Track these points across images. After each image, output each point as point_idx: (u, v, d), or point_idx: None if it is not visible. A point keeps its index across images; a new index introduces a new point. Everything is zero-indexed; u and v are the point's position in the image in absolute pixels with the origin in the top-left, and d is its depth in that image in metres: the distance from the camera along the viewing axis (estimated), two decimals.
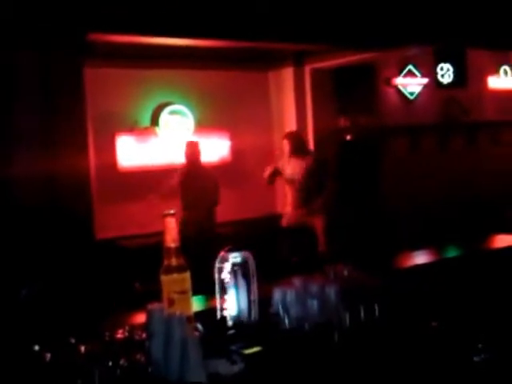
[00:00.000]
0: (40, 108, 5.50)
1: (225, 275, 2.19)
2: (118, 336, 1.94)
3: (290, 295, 2.16)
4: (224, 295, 2.19)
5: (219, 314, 2.21)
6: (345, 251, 6.47)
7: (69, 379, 1.74)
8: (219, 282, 2.20)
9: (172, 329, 1.78)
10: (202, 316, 2.16)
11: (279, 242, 6.72)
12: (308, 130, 8.91)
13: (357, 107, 8.80)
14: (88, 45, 6.01)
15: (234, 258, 2.20)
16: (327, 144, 8.80)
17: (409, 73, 8.80)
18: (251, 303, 2.19)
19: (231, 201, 8.29)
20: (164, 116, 8.04)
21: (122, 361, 1.79)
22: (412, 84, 8.83)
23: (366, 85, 8.62)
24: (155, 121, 8.03)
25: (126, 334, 1.93)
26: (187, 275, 2.07)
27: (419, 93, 8.95)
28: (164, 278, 2.05)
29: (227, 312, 2.19)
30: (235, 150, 8.52)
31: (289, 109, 9.02)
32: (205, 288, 2.39)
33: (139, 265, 5.68)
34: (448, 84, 9.41)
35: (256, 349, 1.95)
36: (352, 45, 7.56)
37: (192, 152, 7.00)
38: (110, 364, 1.79)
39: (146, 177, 7.46)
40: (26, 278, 4.55)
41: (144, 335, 1.86)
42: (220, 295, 2.20)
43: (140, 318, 2.24)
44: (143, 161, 7.78)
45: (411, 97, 8.86)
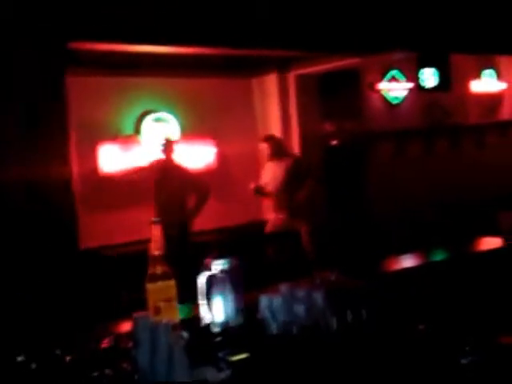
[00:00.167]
0: (22, 117, 5.46)
1: (211, 282, 2.18)
2: (104, 345, 1.92)
3: (277, 301, 2.15)
4: (210, 302, 2.18)
5: (205, 321, 2.20)
6: (331, 256, 6.48)
7: None
8: (205, 289, 2.19)
9: (158, 337, 1.77)
10: (189, 323, 2.15)
11: (264, 248, 6.71)
12: (293, 136, 8.93)
13: (342, 112, 8.83)
14: (70, 53, 5.98)
15: (220, 265, 2.19)
16: (313, 149, 8.81)
17: (393, 78, 8.83)
18: (237, 309, 2.18)
19: (217, 208, 8.27)
20: (147, 124, 8.02)
21: (108, 370, 1.78)
22: (396, 89, 8.87)
23: (351, 90, 8.65)
24: (138, 129, 8.01)
25: (112, 343, 1.92)
26: (172, 283, 2.06)
27: (403, 97, 9.00)
28: (149, 287, 2.04)
29: (214, 319, 2.18)
30: (220, 157, 8.52)
31: (274, 115, 9.03)
32: (191, 295, 2.37)
33: (125, 274, 5.64)
34: (432, 88, 9.47)
35: (243, 355, 1.94)
36: (335, 50, 7.59)
37: (164, 150, 6.85)
38: (96, 373, 1.77)
39: (130, 185, 7.43)
40: (11, 289, 4.51)
41: (130, 344, 1.85)
42: (206, 302, 2.19)
43: (126, 327, 2.22)
44: (127, 169, 7.75)
45: (395, 101, 8.90)
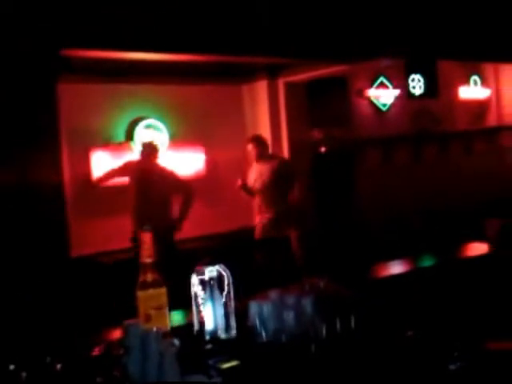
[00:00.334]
0: (13, 124, 5.45)
1: (201, 289, 2.20)
2: (95, 353, 1.93)
3: (267, 308, 2.16)
4: (200, 309, 2.19)
5: (196, 329, 2.21)
6: (320, 262, 6.49)
7: None
8: (195, 297, 2.20)
9: (148, 344, 1.77)
10: (179, 331, 2.16)
11: (254, 255, 6.72)
12: (282, 143, 8.96)
13: (330, 119, 8.86)
14: (62, 60, 5.98)
15: (210, 272, 2.21)
16: (302, 156, 8.84)
17: (381, 84, 8.89)
18: (228, 317, 2.20)
19: (207, 214, 8.28)
20: (139, 131, 8.02)
21: (99, 378, 1.79)
22: (384, 95, 8.92)
23: (340, 97, 8.69)
24: (130, 136, 8.01)
25: (103, 351, 1.92)
26: (163, 290, 2.07)
27: (391, 104, 9.05)
28: (140, 294, 2.04)
29: (204, 326, 2.19)
30: (210, 164, 8.53)
31: (263, 122, 9.06)
32: (181, 303, 2.39)
33: (116, 281, 5.63)
34: (420, 95, 9.53)
35: (233, 363, 1.95)
36: (323, 58, 7.63)
37: (146, 152, 6.73)
38: (87, 381, 1.78)
39: (121, 192, 7.41)
40: (1, 296, 4.50)
41: (121, 351, 1.86)
42: (196, 309, 2.20)
43: (117, 335, 2.23)
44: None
45: (384, 108, 8.95)
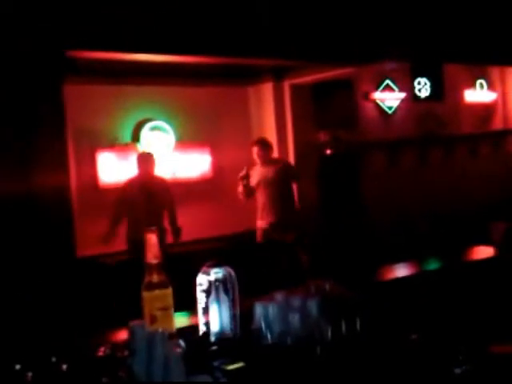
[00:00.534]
0: (20, 125, 5.47)
1: (206, 291, 2.20)
2: (100, 354, 1.93)
3: (272, 310, 2.16)
4: (206, 311, 2.20)
5: (201, 330, 2.21)
6: (325, 265, 6.49)
7: None
8: (201, 298, 2.20)
9: (154, 346, 1.78)
10: (185, 332, 2.16)
11: (259, 257, 6.71)
12: (288, 145, 8.97)
13: (336, 122, 8.86)
14: (68, 61, 6.01)
15: (216, 274, 2.21)
16: (307, 158, 8.84)
17: (386, 87, 8.88)
18: (233, 318, 2.20)
19: (213, 216, 8.29)
20: (145, 132, 8.04)
21: (105, 378, 1.79)
22: (390, 98, 8.91)
23: (345, 99, 8.68)
24: (136, 137, 8.03)
25: (108, 352, 1.93)
26: (169, 291, 2.07)
27: (397, 107, 9.04)
28: (146, 295, 2.05)
29: (209, 328, 2.19)
30: (216, 166, 8.54)
31: (269, 124, 9.07)
32: (186, 304, 2.39)
33: (121, 282, 5.64)
34: (425, 98, 9.52)
35: (239, 364, 1.95)
36: (329, 60, 7.64)
37: (145, 163, 6.66)
38: (93, 382, 1.78)
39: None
40: (7, 296, 4.51)
41: (126, 352, 1.86)
42: (202, 311, 2.21)
43: (122, 336, 2.23)
44: (124, 177, 7.76)
45: (389, 111, 8.94)
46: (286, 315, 2.14)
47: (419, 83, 9.48)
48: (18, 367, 1.83)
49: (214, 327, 2.18)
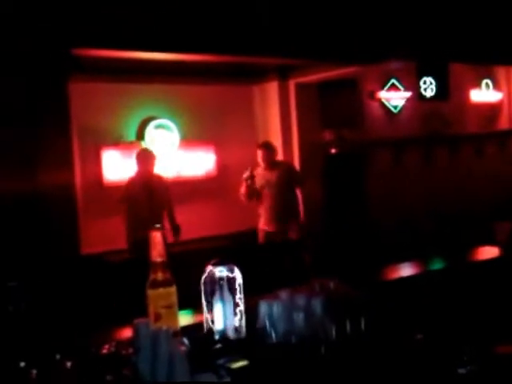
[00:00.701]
0: (25, 123, 5.48)
1: (211, 289, 2.20)
2: (105, 351, 1.93)
3: (277, 308, 2.16)
4: (210, 309, 2.20)
5: (206, 329, 2.21)
6: (330, 264, 6.48)
7: None
8: (205, 296, 2.20)
9: (158, 343, 1.78)
10: (189, 330, 2.16)
11: (264, 256, 6.70)
12: (293, 144, 8.95)
13: (341, 121, 8.85)
14: (73, 59, 6.01)
15: (220, 272, 2.21)
16: (312, 157, 8.84)
17: (392, 86, 8.87)
18: (237, 317, 2.20)
19: (217, 215, 8.29)
20: (149, 130, 8.04)
21: (109, 376, 1.79)
22: (395, 98, 8.90)
23: (351, 98, 8.68)
24: (140, 135, 8.03)
25: (113, 350, 1.93)
26: (173, 289, 2.07)
27: (402, 106, 9.03)
28: (150, 293, 2.05)
29: (214, 326, 2.19)
30: (220, 164, 8.54)
31: (274, 122, 9.06)
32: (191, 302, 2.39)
33: (126, 280, 5.65)
34: (431, 97, 9.50)
35: (243, 363, 1.95)
36: (334, 59, 7.64)
37: (145, 161, 6.59)
38: (97, 379, 1.78)
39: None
40: (12, 294, 4.51)
41: (131, 350, 1.86)
42: (206, 309, 2.21)
43: (127, 333, 2.23)
44: (128, 175, 7.76)
45: (395, 110, 8.93)
46: (291, 314, 2.14)
47: (425, 83, 9.46)
48: (23, 364, 1.84)
49: (219, 325, 2.18)
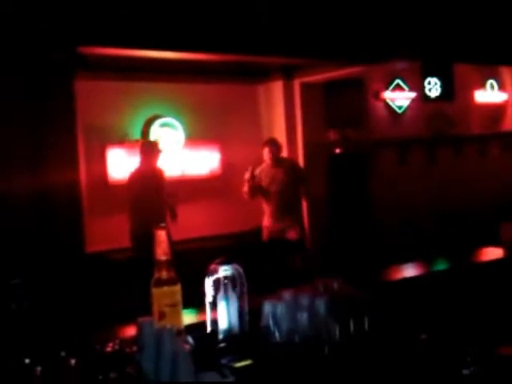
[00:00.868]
0: (30, 121, 5.50)
1: (215, 288, 2.20)
2: (109, 349, 1.94)
3: (281, 308, 2.17)
4: (214, 308, 2.20)
5: (209, 327, 2.22)
6: (334, 264, 6.49)
7: None
8: (209, 295, 2.21)
9: (162, 342, 1.78)
10: (193, 329, 2.17)
11: (268, 255, 6.70)
12: (297, 144, 8.95)
13: (346, 121, 8.84)
14: (79, 57, 6.02)
15: (225, 271, 2.21)
16: (316, 157, 8.84)
17: (397, 87, 8.86)
18: (241, 316, 2.20)
19: (222, 214, 8.29)
20: (154, 129, 8.05)
21: (113, 374, 1.80)
22: (400, 98, 8.89)
23: (355, 98, 8.66)
24: (146, 134, 8.04)
25: (117, 348, 1.93)
26: (178, 288, 2.08)
27: (407, 107, 9.01)
28: (155, 291, 2.05)
29: (218, 325, 2.20)
30: (225, 163, 8.54)
31: (278, 122, 9.06)
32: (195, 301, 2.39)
33: (130, 278, 5.66)
34: (435, 98, 9.48)
35: (246, 362, 1.96)
36: (339, 59, 7.63)
37: (149, 153, 6.55)
38: (101, 377, 1.79)
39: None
40: (16, 292, 4.52)
41: (135, 348, 1.87)
42: (210, 308, 2.21)
43: (131, 332, 2.24)
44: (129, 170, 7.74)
45: (399, 110, 8.91)
46: (295, 314, 2.15)
47: (429, 83, 9.45)
48: (27, 361, 1.84)
49: (223, 324, 2.19)
